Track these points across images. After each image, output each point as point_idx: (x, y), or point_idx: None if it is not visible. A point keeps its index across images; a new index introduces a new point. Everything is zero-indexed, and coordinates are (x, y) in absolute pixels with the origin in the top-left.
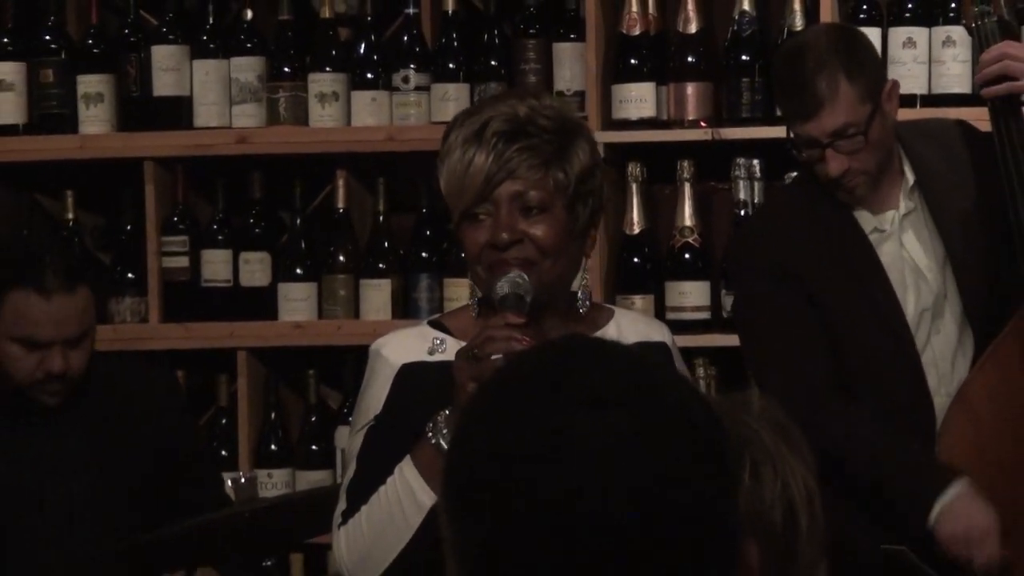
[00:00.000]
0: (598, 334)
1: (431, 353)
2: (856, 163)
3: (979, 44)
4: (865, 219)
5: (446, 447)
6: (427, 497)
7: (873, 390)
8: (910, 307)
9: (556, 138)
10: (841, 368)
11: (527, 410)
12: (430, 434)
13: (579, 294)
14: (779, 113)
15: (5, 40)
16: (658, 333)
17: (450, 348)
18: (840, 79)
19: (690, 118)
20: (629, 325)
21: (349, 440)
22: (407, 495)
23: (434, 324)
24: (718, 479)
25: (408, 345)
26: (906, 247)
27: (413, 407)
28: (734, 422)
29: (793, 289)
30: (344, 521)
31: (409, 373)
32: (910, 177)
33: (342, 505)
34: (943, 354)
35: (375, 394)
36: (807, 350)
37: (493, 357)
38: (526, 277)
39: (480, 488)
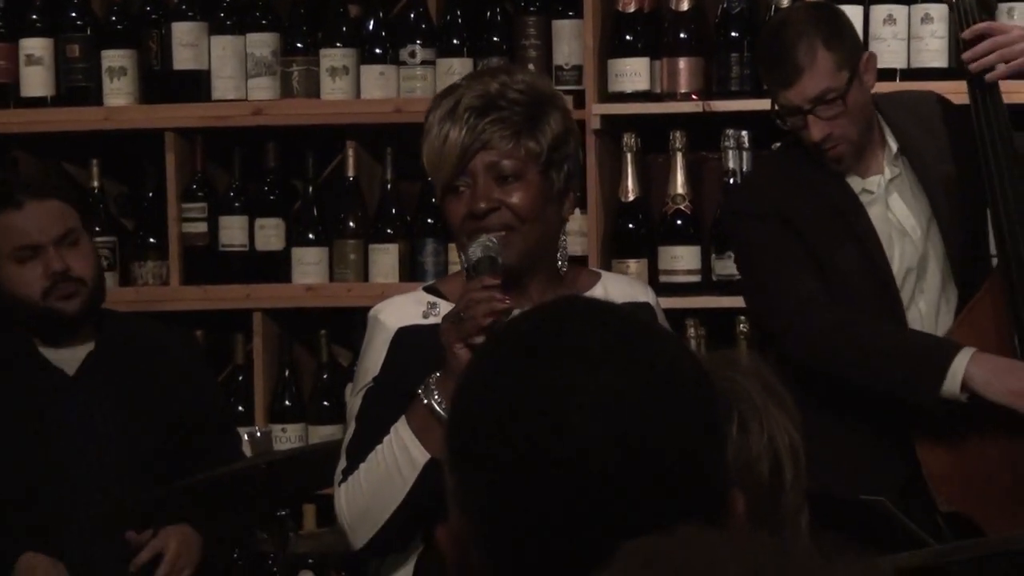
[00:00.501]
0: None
1: (425, 317)
2: (837, 129)
3: (958, 20)
4: (854, 182)
5: (438, 407)
6: (421, 455)
7: None
8: (895, 266)
9: (527, 110)
10: None
11: (525, 369)
12: (422, 395)
13: (558, 254)
14: (765, 87)
15: (34, 17)
16: (643, 294)
17: (443, 311)
18: (818, 47)
19: (682, 91)
20: (615, 288)
21: (349, 401)
22: (402, 453)
23: (429, 289)
24: (707, 432)
25: (404, 310)
26: (892, 209)
27: (409, 369)
28: (723, 378)
29: (789, 233)
30: (344, 478)
31: (405, 336)
32: (893, 145)
33: (342, 463)
34: (927, 313)
35: (373, 357)
36: (802, 270)
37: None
38: (495, 240)
39: (481, 445)
